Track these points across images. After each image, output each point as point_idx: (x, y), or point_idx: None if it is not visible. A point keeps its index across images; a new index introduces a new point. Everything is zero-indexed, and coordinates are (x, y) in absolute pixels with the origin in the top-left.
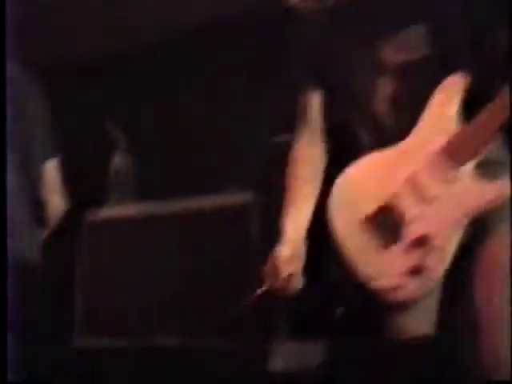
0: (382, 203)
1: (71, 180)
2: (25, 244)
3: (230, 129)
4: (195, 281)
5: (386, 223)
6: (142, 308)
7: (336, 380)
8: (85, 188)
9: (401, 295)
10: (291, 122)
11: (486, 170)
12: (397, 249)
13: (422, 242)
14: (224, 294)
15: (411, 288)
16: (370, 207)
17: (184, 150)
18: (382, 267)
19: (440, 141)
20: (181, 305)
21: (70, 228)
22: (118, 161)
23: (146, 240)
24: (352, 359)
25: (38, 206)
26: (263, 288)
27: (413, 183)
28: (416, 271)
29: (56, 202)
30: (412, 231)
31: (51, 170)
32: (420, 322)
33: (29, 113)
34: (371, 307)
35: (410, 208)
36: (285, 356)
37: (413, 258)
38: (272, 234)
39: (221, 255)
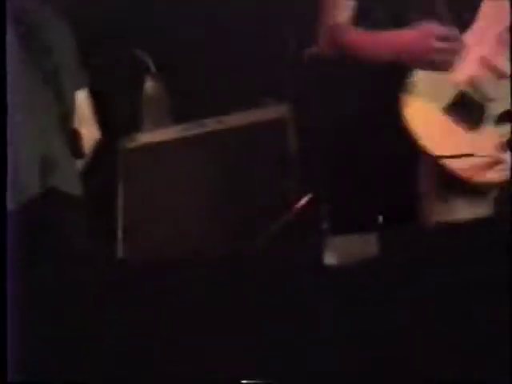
0: (461, 88)
1: (105, 109)
2: (64, 175)
3: (261, 42)
4: (236, 199)
5: (468, 106)
6: (182, 229)
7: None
8: (119, 116)
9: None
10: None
11: None
12: (484, 128)
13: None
14: (265, 209)
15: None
16: (451, 94)
17: (215, 68)
18: (473, 147)
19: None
20: (223, 223)
21: (106, 157)
22: (150, 85)
23: (184, 162)
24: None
25: (73, 136)
26: None
27: (486, 64)
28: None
29: (90, 131)
30: (495, 108)
31: (82, 101)
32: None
33: (56, 45)
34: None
35: (489, 86)
36: (337, 250)
37: (501, 136)
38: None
39: (260, 170)
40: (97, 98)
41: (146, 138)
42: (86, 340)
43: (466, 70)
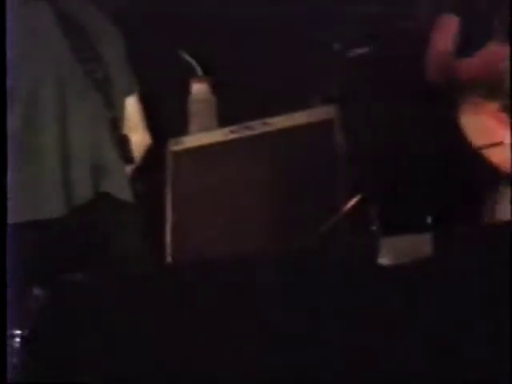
0: None
1: (152, 112)
2: (115, 181)
3: (307, 44)
4: (284, 201)
5: None
6: (232, 230)
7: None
8: (166, 119)
9: None
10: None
11: None
12: None
13: None
14: (314, 210)
15: None
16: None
17: (261, 70)
18: None
19: None
20: (268, 221)
21: (154, 160)
22: (196, 88)
23: (231, 165)
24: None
25: (123, 142)
26: None
27: None
28: None
29: (139, 137)
30: None
31: (132, 106)
32: None
33: (107, 52)
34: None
35: None
36: (391, 250)
37: None
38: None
39: (308, 172)
40: (145, 101)
41: (193, 140)
42: (138, 339)
43: None
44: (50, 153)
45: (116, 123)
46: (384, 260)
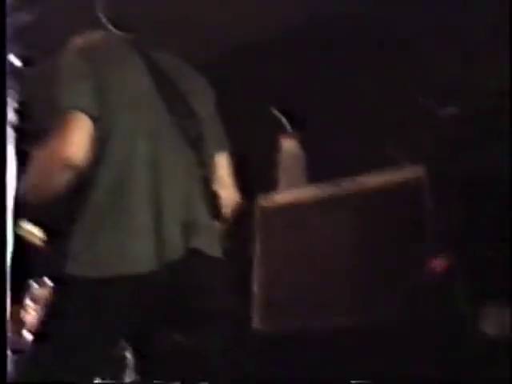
0: None
1: (241, 168)
2: (206, 237)
3: (396, 102)
4: (370, 259)
5: None
6: (318, 288)
7: None
8: (255, 175)
9: None
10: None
11: None
12: None
13: None
14: (400, 271)
15: None
16: None
17: (350, 128)
18: None
19: None
20: (356, 284)
21: (243, 216)
22: (286, 145)
23: (319, 222)
24: None
25: (213, 199)
26: None
27: None
28: None
29: (229, 194)
30: None
31: (222, 163)
32: None
33: (198, 108)
34: None
35: None
36: (496, 320)
37: None
38: (446, 207)
39: (394, 232)
40: (234, 156)
41: (282, 197)
42: None
43: None
44: (143, 206)
45: (207, 180)
46: (489, 329)
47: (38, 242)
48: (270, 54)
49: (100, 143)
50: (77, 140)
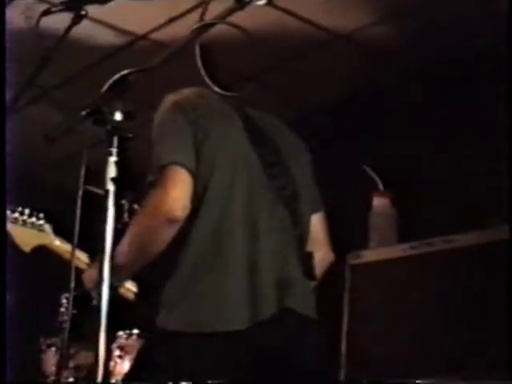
0: None
1: (334, 226)
2: (299, 297)
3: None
4: (459, 319)
5: None
6: (405, 347)
7: None
8: (346, 232)
9: None
10: None
11: None
12: None
13: None
14: (490, 331)
15: None
16: None
17: (439, 189)
18: None
19: None
20: (445, 344)
21: (335, 276)
22: (378, 202)
23: (408, 281)
24: None
25: (307, 259)
26: None
27: None
28: None
29: (323, 254)
30: None
31: (317, 224)
32: None
33: (294, 168)
34: None
35: None
36: None
37: None
38: None
39: (484, 293)
40: (327, 214)
41: (373, 255)
42: None
43: None
44: (238, 262)
45: (302, 240)
46: None
47: (131, 296)
48: (362, 112)
49: (197, 197)
50: (179, 195)
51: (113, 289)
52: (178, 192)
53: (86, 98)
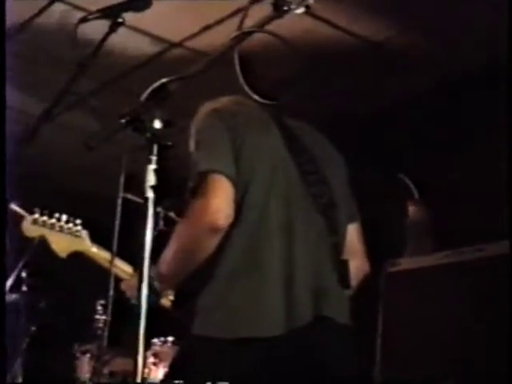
0: None
1: (370, 234)
2: (335, 305)
3: None
4: (492, 328)
5: None
6: (440, 354)
7: None
8: (383, 239)
9: None
10: None
11: None
12: None
13: None
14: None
15: None
16: None
17: (475, 198)
18: None
19: None
20: (478, 351)
21: (371, 283)
22: (413, 211)
23: (444, 288)
24: None
25: (343, 268)
26: None
27: None
28: None
29: (359, 263)
30: None
31: (353, 233)
32: None
33: (330, 176)
34: None
35: None
36: None
37: None
38: None
39: None
40: (363, 223)
41: (409, 263)
42: None
43: None
44: (275, 269)
45: (338, 248)
46: None
47: (168, 304)
48: (400, 120)
49: (235, 205)
50: (221, 204)
51: (156, 298)
52: (220, 201)
53: (122, 105)
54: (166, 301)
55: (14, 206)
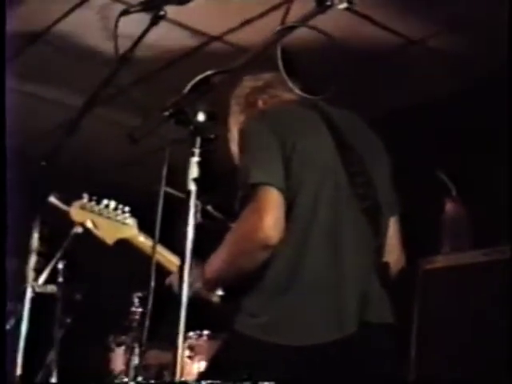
0: None
1: (407, 231)
2: (378, 308)
3: None
4: None
5: None
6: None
7: None
8: (420, 236)
9: None
10: None
11: None
12: None
13: None
14: None
15: None
16: None
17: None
18: None
19: None
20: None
21: (407, 278)
22: (450, 208)
23: (481, 286)
24: None
25: (384, 269)
26: None
27: None
28: None
29: (395, 258)
30: None
31: (392, 227)
32: None
33: (375, 175)
34: None
35: None
36: None
37: None
38: None
39: None
40: (401, 219)
41: (445, 260)
42: None
43: None
44: (323, 275)
45: (380, 250)
46: None
47: (215, 299)
48: (438, 116)
49: (285, 213)
50: (275, 220)
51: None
52: (273, 217)
53: (162, 97)
54: (216, 297)
55: (52, 199)
